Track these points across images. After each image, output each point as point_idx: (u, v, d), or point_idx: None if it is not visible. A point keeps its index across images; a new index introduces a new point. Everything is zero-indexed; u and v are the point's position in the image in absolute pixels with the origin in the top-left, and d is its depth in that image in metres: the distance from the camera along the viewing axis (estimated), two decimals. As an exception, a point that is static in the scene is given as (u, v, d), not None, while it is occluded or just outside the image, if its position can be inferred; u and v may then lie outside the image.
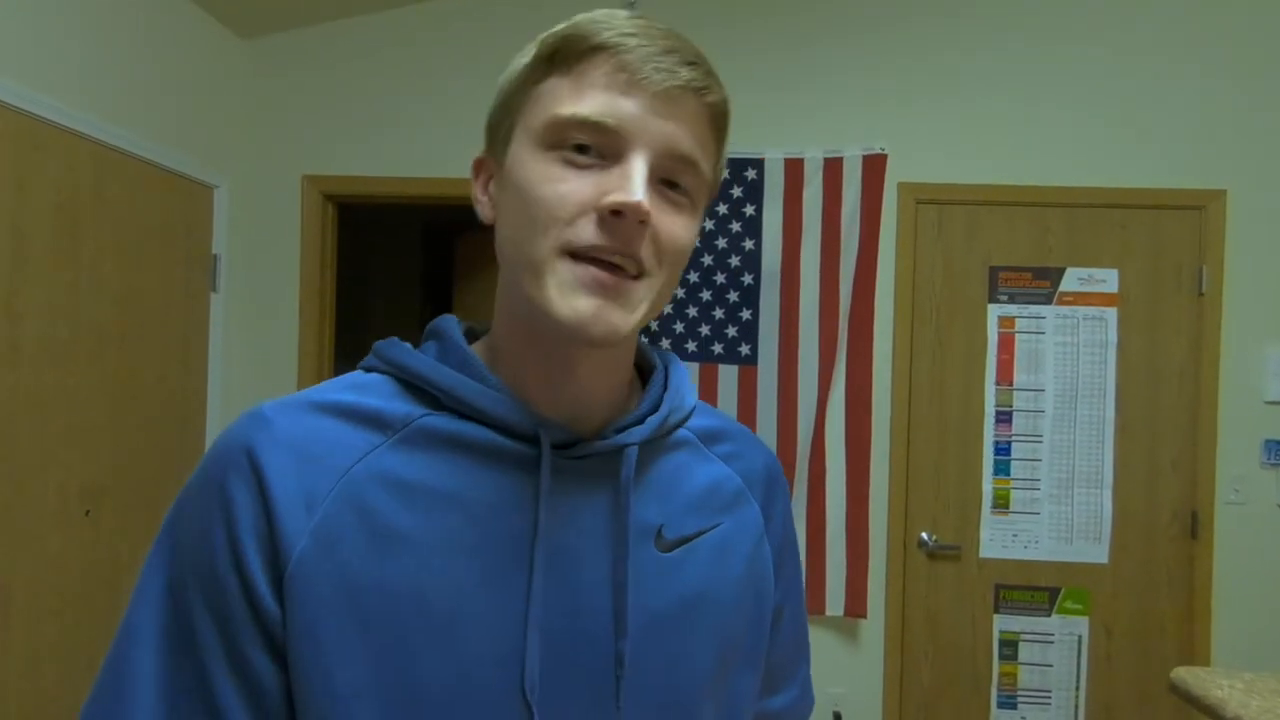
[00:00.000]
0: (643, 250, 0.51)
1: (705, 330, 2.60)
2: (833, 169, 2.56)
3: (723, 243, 2.59)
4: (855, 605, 2.54)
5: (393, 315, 4.63)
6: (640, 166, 0.50)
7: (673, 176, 0.53)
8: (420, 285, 4.66)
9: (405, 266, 4.65)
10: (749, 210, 2.59)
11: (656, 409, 0.60)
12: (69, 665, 1.99)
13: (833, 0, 2.64)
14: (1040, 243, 2.58)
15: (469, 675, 0.51)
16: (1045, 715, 2.54)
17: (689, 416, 0.64)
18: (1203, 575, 2.50)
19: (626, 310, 0.51)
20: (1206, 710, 1.39)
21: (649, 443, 0.59)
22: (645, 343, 0.66)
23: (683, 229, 0.54)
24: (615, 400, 0.60)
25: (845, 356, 2.58)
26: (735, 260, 2.59)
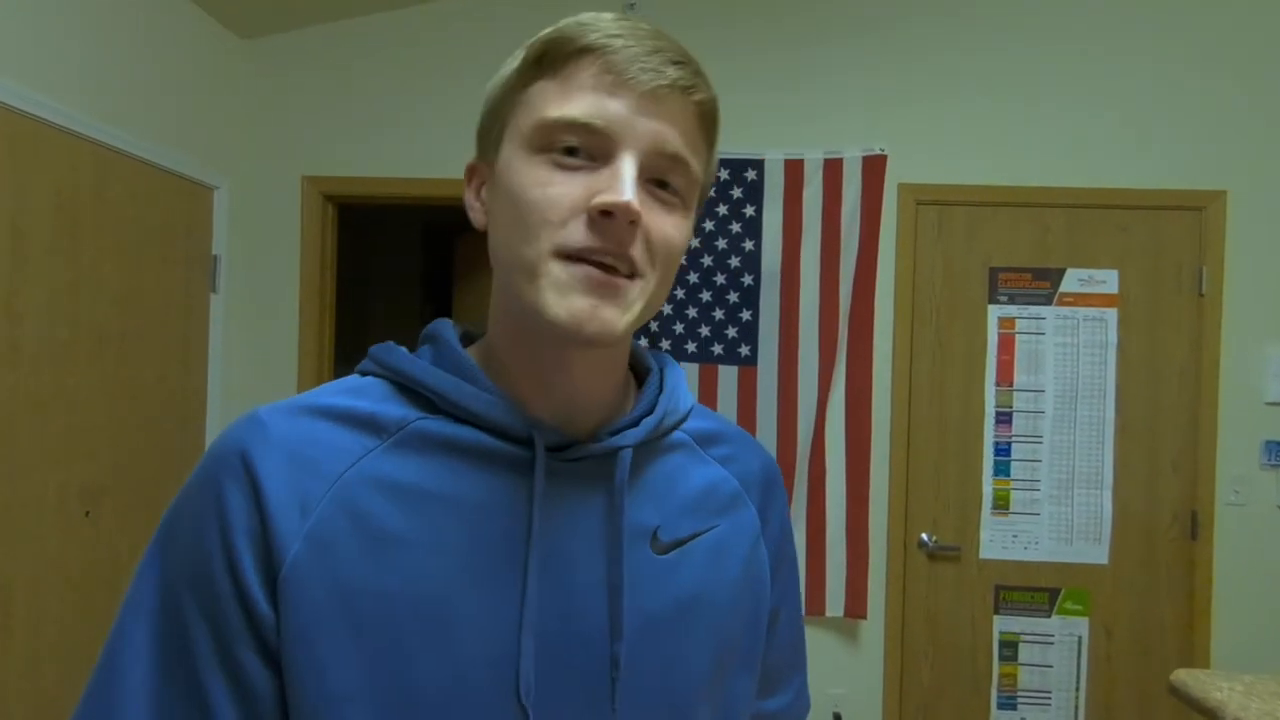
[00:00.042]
0: (635, 250, 0.51)
1: (705, 331, 2.60)
2: (833, 170, 2.56)
3: (723, 243, 2.59)
4: (855, 606, 2.54)
5: (393, 316, 4.63)
6: (629, 166, 0.50)
7: (663, 176, 0.53)
8: (420, 285, 4.67)
9: (405, 267, 4.66)
10: (749, 211, 2.59)
11: (651, 411, 0.60)
12: (69, 665, 1.99)
13: (833, 1, 2.64)
14: (1040, 243, 2.58)
15: (463, 678, 0.51)
16: (1045, 716, 2.54)
17: (685, 419, 0.64)
18: (1203, 576, 2.50)
19: (620, 309, 0.51)
20: (1206, 713, 1.39)
21: (644, 445, 0.59)
22: (640, 345, 0.66)
23: (674, 228, 0.53)
24: (610, 403, 0.59)
25: (845, 357, 2.57)
26: (735, 261, 2.59)
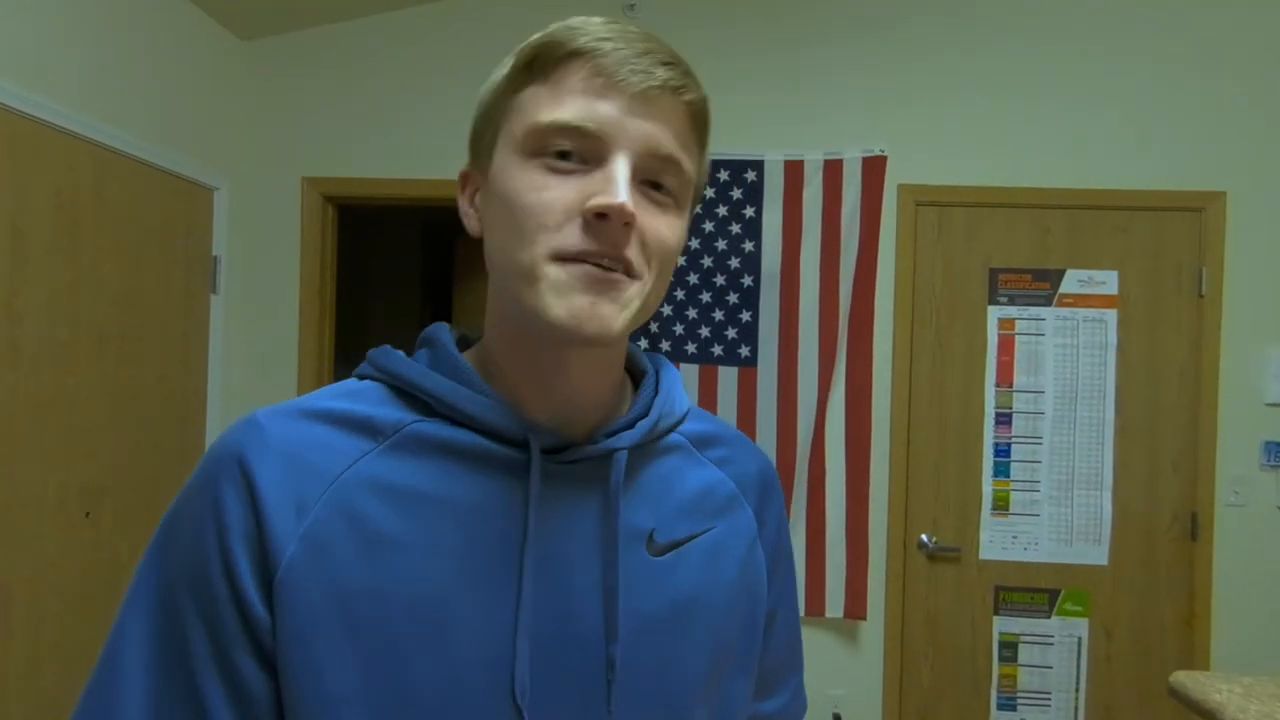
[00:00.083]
0: (630, 252, 0.51)
1: (705, 332, 2.60)
2: (832, 170, 2.56)
3: (722, 244, 2.59)
4: (855, 607, 2.54)
5: (393, 316, 4.63)
6: (622, 168, 0.50)
7: (656, 177, 0.53)
8: (420, 286, 4.67)
9: (405, 267, 4.66)
10: (749, 212, 2.59)
11: (647, 413, 0.60)
12: (69, 666, 1.99)
13: (832, 1, 2.64)
14: (1040, 244, 2.58)
15: (459, 680, 0.51)
16: (1045, 717, 2.54)
17: (681, 421, 0.64)
18: (1202, 577, 2.50)
19: (618, 305, 0.51)
20: (1205, 714, 1.39)
21: (640, 447, 0.59)
22: (637, 347, 0.66)
23: (668, 228, 0.54)
24: (606, 405, 0.60)
25: (845, 358, 2.57)
26: (735, 262, 2.59)
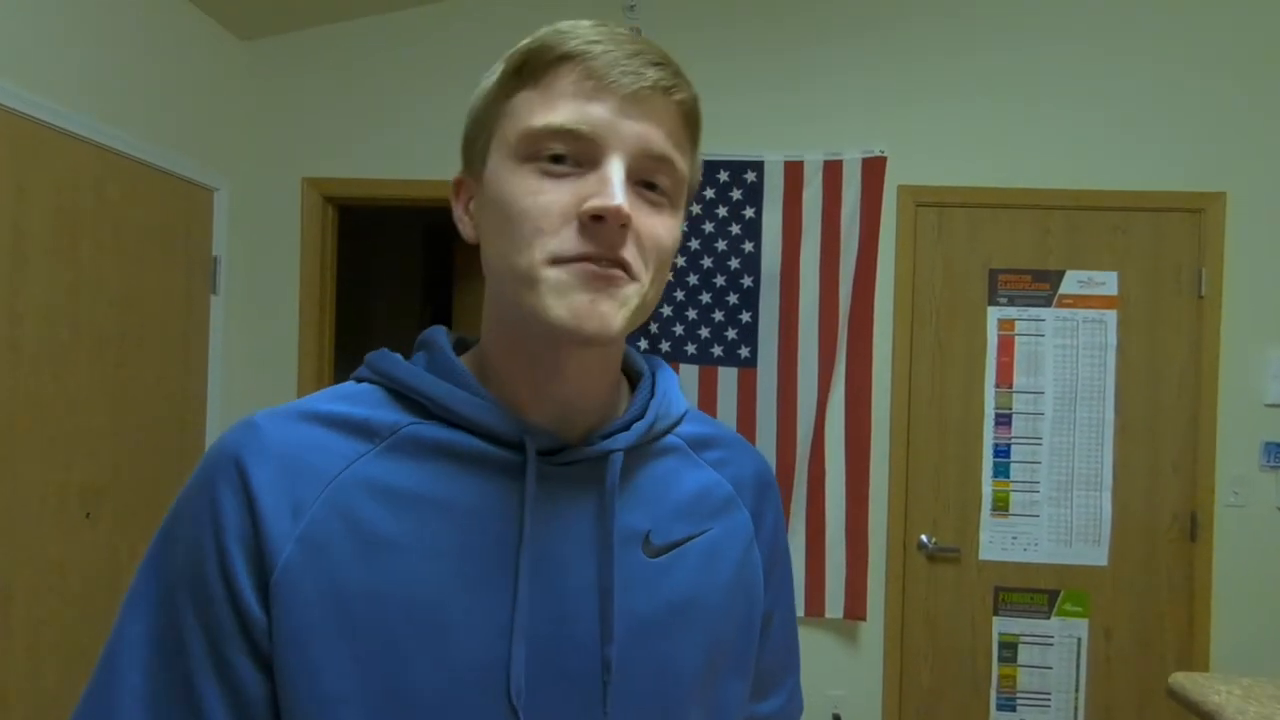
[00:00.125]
0: (627, 253, 0.51)
1: (705, 333, 2.60)
2: (832, 171, 2.56)
3: (722, 245, 2.59)
4: (855, 607, 2.54)
5: (393, 317, 4.63)
6: (617, 170, 0.51)
7: (650, 177, 0.53)
8: (421, 287, 4.66)
9: (406, 268, 4.65)
10: (748, 213, 2.59)
11: (642, 415, 0.60)
12: (69, 666, 2.00)
13: (832, 2, 2.64)
14: (1040, 245, 2.58)
15: (455, 681, 0.51)
16: (1045, 717, 2.54)
17: (678, 423, 0.64)
18: (1202, 578, 2.50)
19: (617, 303, 0.51)
20: (1204, 716, 1.39)
21: (636, 449, 0.59)
22: (633, 349, 0.66)
23: (664, 228, 0.54)
24: (603, 406, 0.60)
25: (845, 359, 2.57)
26: (735, 263, 2.59)
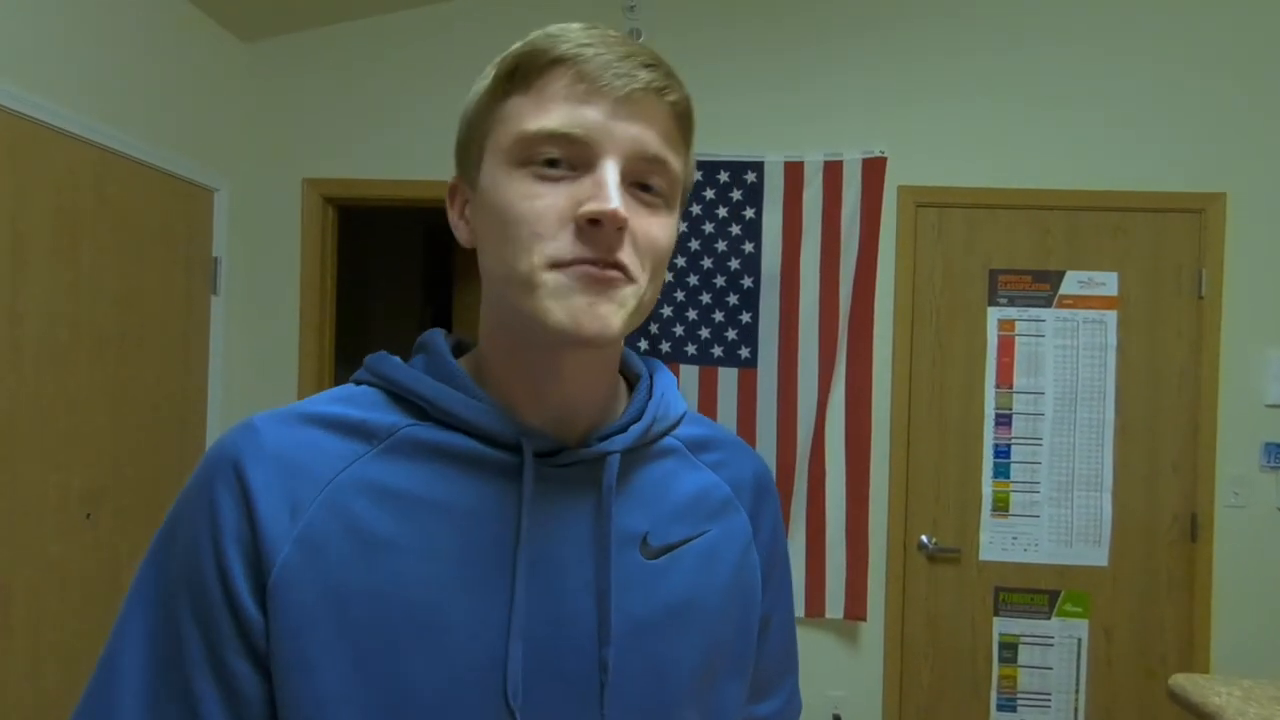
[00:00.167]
0: (624, 256, 0.51)
1: (705, 333, 2.60)
2: (832, 172, 2.56)
3: (722, 245, 2.59)
4: (855, 608, 2.54)
5: (393, 317, 4.63)
6: (612, 173, 0.51)
7: (644, 179, 0.53)
8: (421, 287, 4.67)
9: (406, 269, 4.66)
10: (749, 213, 2.59)
11: (640, 417, 0.60)
12: (70, 667, 2.00)
13: (832, 2, 2.64)
14: (1040, 246, 2.58)
15: (453, 681, 0.51)
16: (1045, 718, 2.54)
17: (676, 425, 0.64)
18: (1202, 578, 2.50)
19: (616, 305, 0.52)
20: (1205, 717, 1.39)
21: (633, 451, 0.59)
22: (631, 351, 0.66)
23: (660, 229, 0.54)
24: (600, 408, 0.60)
25: (845, 359, 2.57)
26: (735, 263, 2.59)
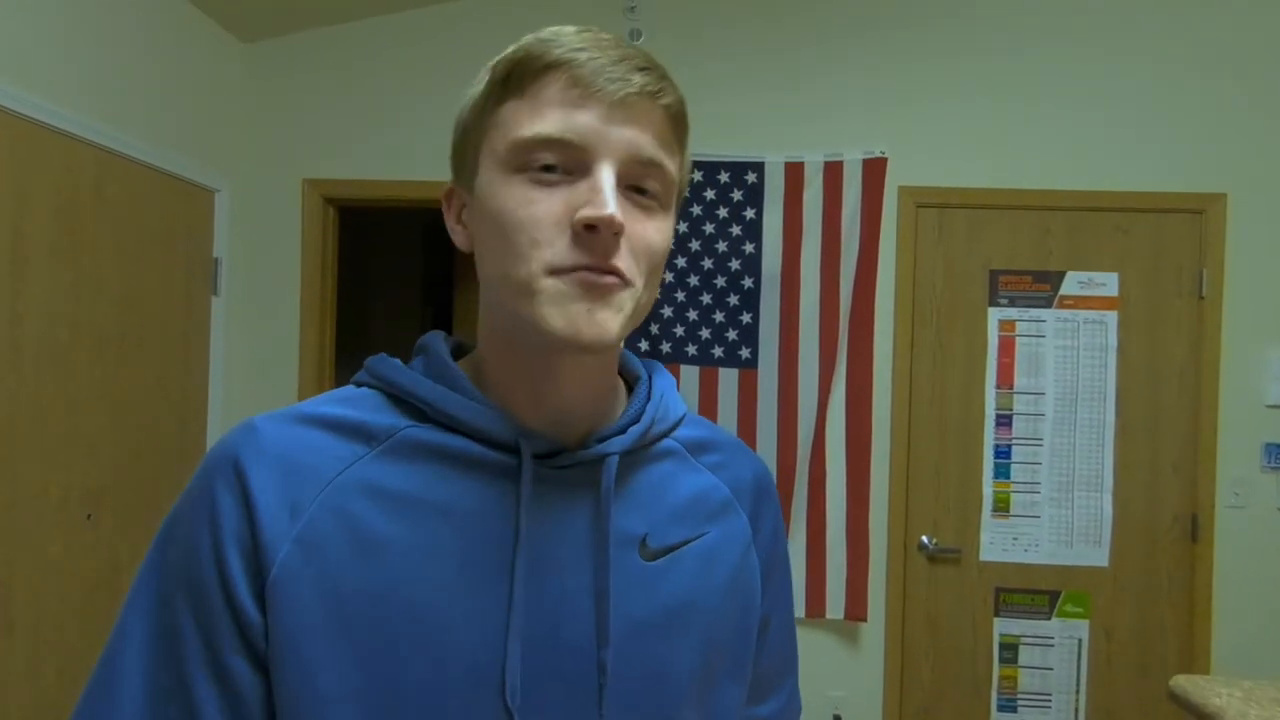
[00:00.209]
0: (620, 261, 0.52)
1: (705, 334, 2.60)
2: (833, 172, 2.56)
3: (723, 246, 2.59)
4: (855, 608, 2.54)
5: (393, 317, 4.63)
6: (607, 177, 0.51)
7: (640, 182, 0.53)
8: (421, 287, 4.67)
9: (406, 269, 4.66)
10: (749, 214, 2.59)
11: (638, 419, 0.61)
12: (70, 667, 2.00)
13: (832, 2, 2.64)
14: (1040, 246, 2.58)
15: (451, 681, 0.51)
16: (1045, 718, 2.54)
17: (675, 427, 0.64)
18: (1203, 579, 2.50)
19: (613, 310, 0.52)
20: (1205, 719, 1.39)
21: (632, 452, 0.59)
22: (630, 353, 0.67)
23: (655, 232, 0.54)
24: (599, 410, 0.60)
25: (845, 360, 2.57)
26: (735, 264, 2.59)
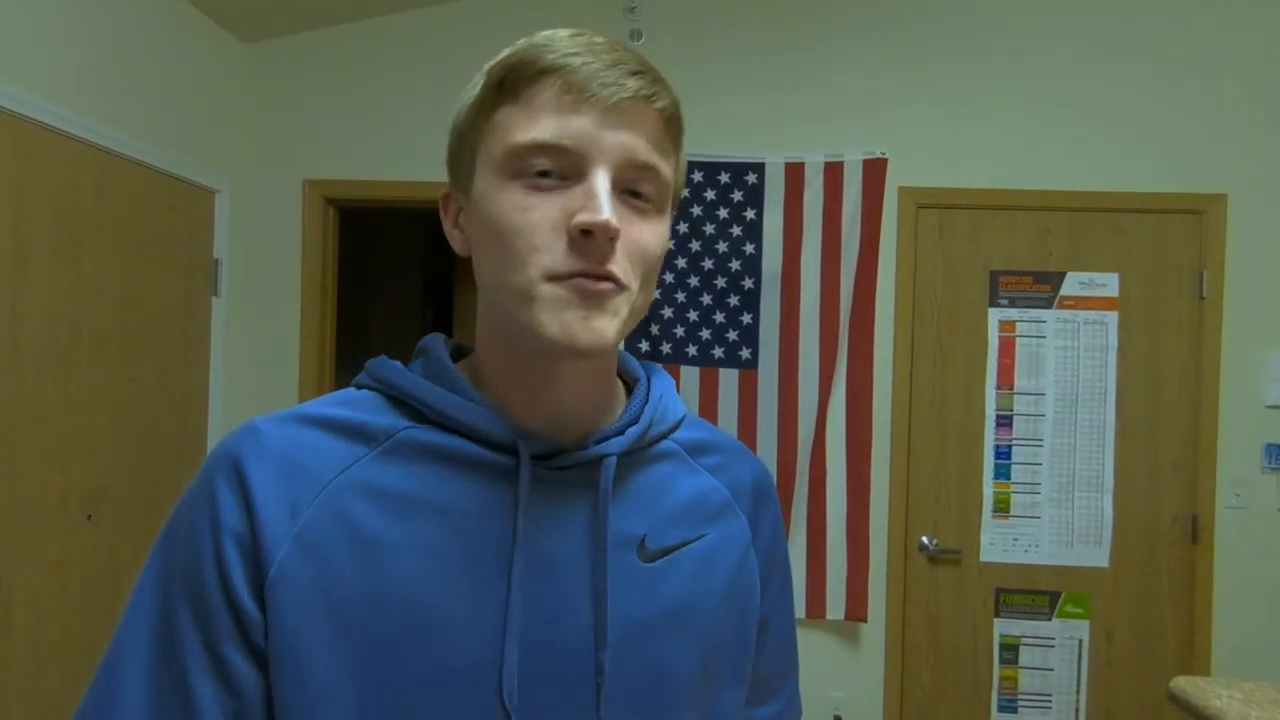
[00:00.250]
0: (616, 266, 0.52)
1: (706, 334, 2.60)
2: (833, 173, 2.56)
3: (723, 246, 2.59)
4: (856, 609, 2.54)
5: (394, 318, 4.63)
6: (602, 183, 0.51)
7: (635, 186, 0.54)
8: (421, 288, 4.67)
9: (407, 269, 4.66)
10: (749, 214, 2.59)
11: (637, 420, 0.61)
12: (70, 667, 2.00)
13: (832, 3, 2.64)
14: (1041, 247, 2.58)
15: (448, 680, 0.52)
16: (1046, 719, 2.54)
17: (674, 428, 0.64)
18: (1203, 579, 2.50)
19: (609, 315, 0.52)
20: None
21: (631, 454, 0.59)
22: (628, 355, 0.67)
23: (651, 235, 0.54)
24: (597, 412, 0.60)
25: (846, 360, 2.57)
26: (736, 264, 2.59)
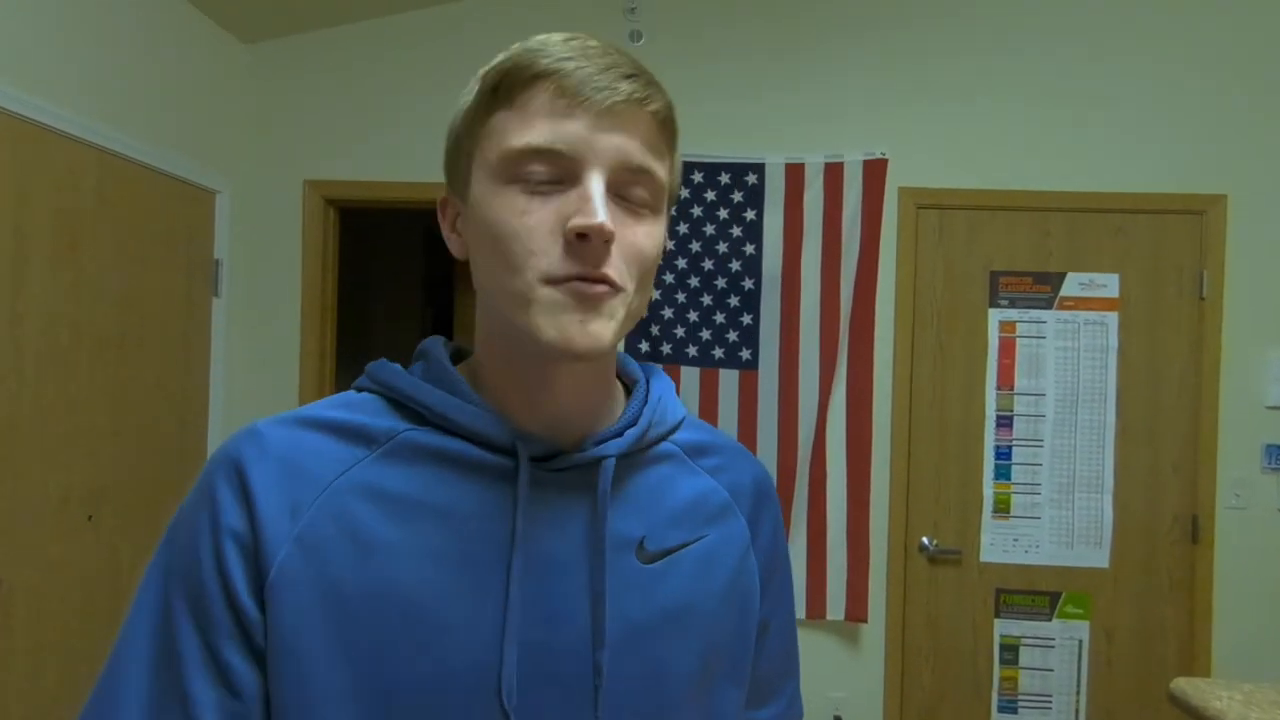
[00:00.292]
0: (611, 269, 0.52)
1: (706, 335, 2.60)
2: (833, 174, 2.56)
3: (723, 247, 2.59)
4: (856, 609, 2.54)
5: (394, 319, 4.63)
6: (597, 186, 0.51)
7: (630, 189, 0.54)
8: (422, 289, 4.67)
9: (407, 270, 4.66)
10: (750, 215, 2.59)
11: (635, 422, 0.61)
12: (71, 669, 2.00)
13: (832, 3, 2.64)
14: (1041, 247, 2.58)
15: (447, 681, 0.52)
16: (1046, 719, 2.54)
17: (674, 430, 0.64)
18: (1203, 580, 2.50)
19: (606, 318, 0.52)
20: None
21: (630, 455, 0.60)
22: (627, 356, 0.67)
23: (646, 237, 0.55)
24: (596, 414, 0.60)
25: (846, 361, 2.58)
26: (736, 265, 2.59)
